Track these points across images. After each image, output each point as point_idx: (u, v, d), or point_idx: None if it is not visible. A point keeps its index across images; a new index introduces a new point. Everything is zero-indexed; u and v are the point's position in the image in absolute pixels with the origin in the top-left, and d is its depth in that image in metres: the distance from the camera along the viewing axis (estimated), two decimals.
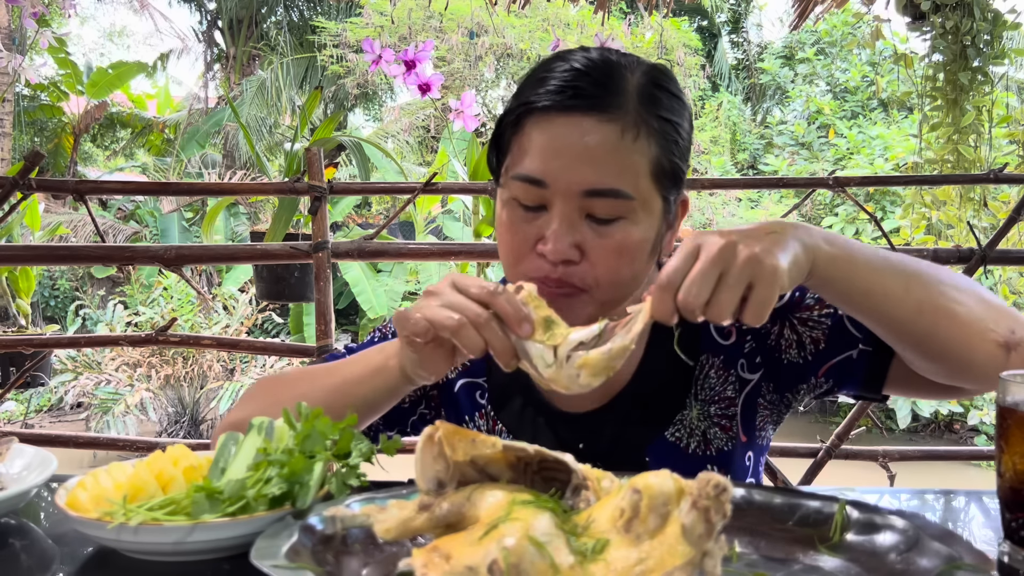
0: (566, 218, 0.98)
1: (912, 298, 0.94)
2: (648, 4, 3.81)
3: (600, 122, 0.97)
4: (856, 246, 0.95)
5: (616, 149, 0.97)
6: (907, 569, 0.73)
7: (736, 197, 10.84)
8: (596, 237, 0.99)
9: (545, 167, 0.98)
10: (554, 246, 0.98)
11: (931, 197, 3.34)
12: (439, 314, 0.87)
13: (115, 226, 10.62)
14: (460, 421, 1.20)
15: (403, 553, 0.76)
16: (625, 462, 1.12)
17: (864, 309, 0.96)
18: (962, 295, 0.96)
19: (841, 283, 0.92)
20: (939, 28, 3.15)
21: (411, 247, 2.52)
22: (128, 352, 7.83)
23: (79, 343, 3.76)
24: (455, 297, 0.88)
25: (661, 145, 1.00)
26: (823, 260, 0.90)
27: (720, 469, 1.12)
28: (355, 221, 10.48)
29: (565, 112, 0.98)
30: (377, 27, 10.28)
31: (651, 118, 0.99)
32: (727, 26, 16.59)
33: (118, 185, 6.78)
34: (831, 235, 0.94)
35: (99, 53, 21.44)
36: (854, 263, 0.93)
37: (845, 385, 1.11)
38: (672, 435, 1.12)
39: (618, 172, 0.97)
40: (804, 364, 1.11)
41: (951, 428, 8.80)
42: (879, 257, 0.96)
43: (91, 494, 0.85)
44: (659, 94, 1.01)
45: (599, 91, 0.98)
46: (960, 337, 0.95)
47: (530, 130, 1.00)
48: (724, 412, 1.13)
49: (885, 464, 2.46)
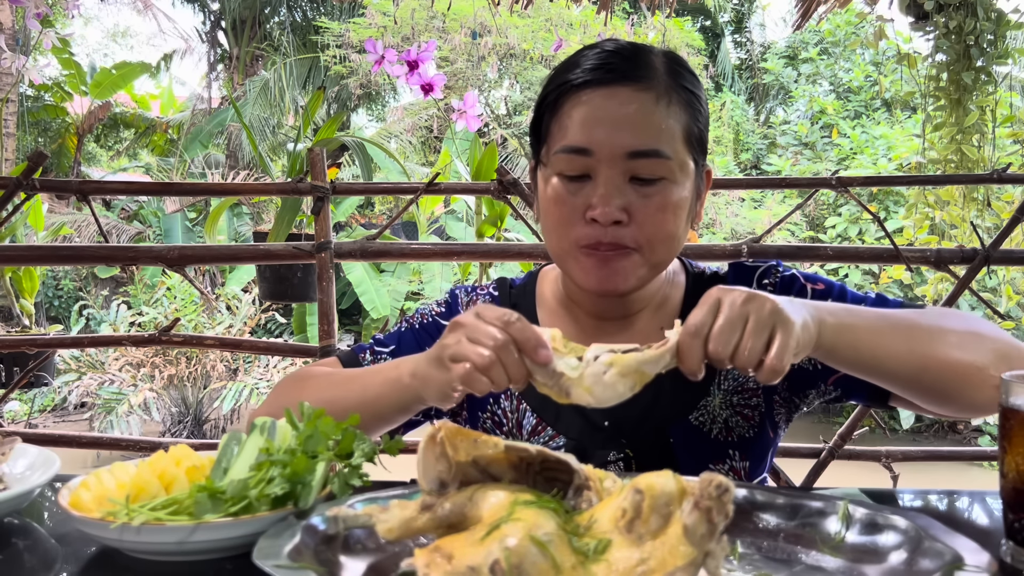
0: (612, 182, 1.04)
1: (915, 355, 0.97)
2: (651, 4, 3.80)
3: (636, 91, 1.05)
4: (855, 311, 0.99)
5: (653, 113, 1.05)
6: (909, 570, 0.73)
7: (739, 197, 10.82)
8: (640, 198, 1.05)
9: (589, 136, 1.04)
10: (603, 209, 1.03)
11: (934, 197, 3.33)
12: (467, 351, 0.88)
13: (118, 226, 10.64)
14: (484, 403, 1.21)
15: (405, 553, 0.76)
16: (649, 441, 1.14)
17: (871, 371, 0.99)
18: (965, 342, 1.00)
19: (847, 350, 0.96)
20: (942, 28, 3.14)
21: (414, 247, 2.52)
22: (132, 352, 7.84)
23: (83, 343, 3.75)
24: (476, 325, 0.89)
25: (689, 113, 1.08)
26: (829, 329, 0.94)
27: (742, 455, 1.15)
28: (358, 221, 10.49)
29: (602, 85, 1.05)
30: (380, 27, 10.30)
31: (679, 88, 1.08)
32: (730, 26, 16.57)
33: (121, 185, 6.78)
34: (829, 305, 0.97)
35: (103, 54, 21.47)
36: (856, 329, 0.96)
37: (852, 395, 1.14)
38: (696, 419, 1.15)
39: (657, 134, 1.04)
40: (814, 372, 1.15)
41: (954, 429, 8.79)
42: (878, 318, 0.99)
43: (94, 494, 0.85)
44: (681, 70, 1.10)
45: (630, 66, 1.06)
46: (962, 384, 0.98)
47: (569, 108, 1.07)
48: (747, 402, 1.16)
49: (888, 464, 2.45)
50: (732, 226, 10.30)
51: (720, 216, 10.52)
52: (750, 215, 10.49)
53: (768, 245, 2.54)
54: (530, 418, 1.18)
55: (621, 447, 1.14)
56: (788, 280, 1.18)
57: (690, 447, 1.14)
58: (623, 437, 1.14)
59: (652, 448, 1.14)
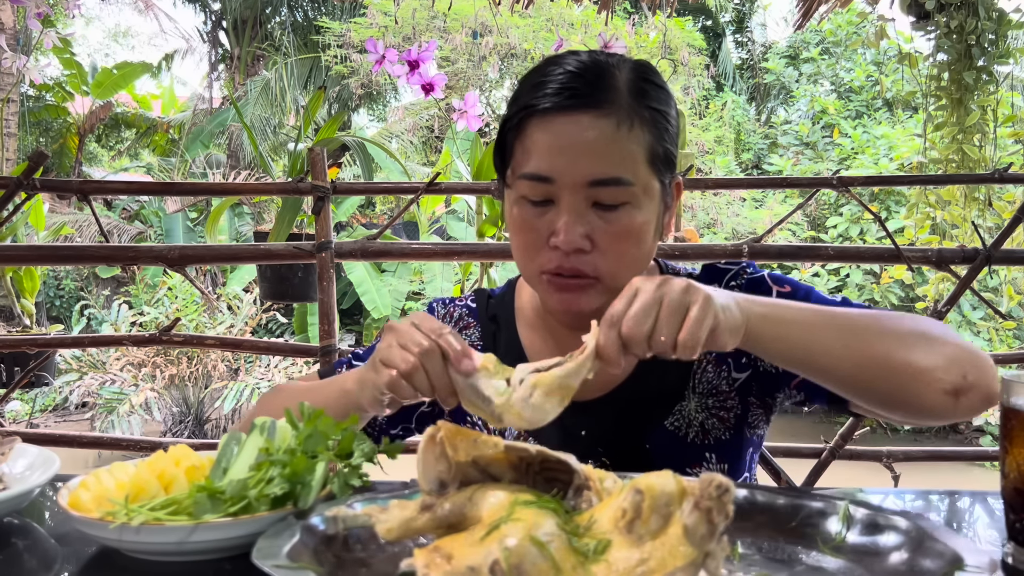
0: (574, 209, 1.03)
1: (852, 353, 0.96)
2: (652, 4, 3.80)
3: (597, 117, 1.03)
4: (789, 306, 0.98)
5: (614, 140, 1.03)
6: (910, 570, 0.73)
7: (740, 197, 10.82)
8: (603, 224, 1.04)
9: (550, 164, 1.03)
10: (565, 236, 1.03)
11: (935, 197, 3.33)
12: (394, 356, 0.91)
13: (119, 226, 10.64)
14: (464, 415, 1.20)
15: (405, 553, 0.76)
16: (626, 449, 1.15)
17: (804, 367, 0.99)
18: (909, 345, 0.97)
19: (777, 342, 0.95)
20: (944, 27, 3.14)
21: (415, 247, 2.52)
22: (133, 352, 7.84)
23: (83, 343, 3.76)
24: (408, 332, 0.91)
25: (653, 133, 1.06)
26: (755, 318, 0.93)
27: (719, 458, 1.16)
28: (359, 221, 10.49)
29: (564, 112, 1.03)
30: (381, 27, 10.31)
31: (642, 109, 1.05)
32: (731, 26, 16.57)
33: (122, 185, 6.79)
34: (761, 299, 0.97)
35: (104, 53, 21.46)
36: (785, 322, 0.95)
37: (814, 400, 1.14)
38: (671, 424, 1.15)
39: (618, 161, 1.03)
40: (776, 375, 1.15)
41: (956, 429, 8.77)
42: (814, 313, 0.98)
43: (93, 494, 0.85)
44: (647, 87, 1.07)
45: (592, 90, 1.04)
46: (904, 388, 0.96)
47: (532, 131, 1.05)
48: (722, 404, 1.16)
49: (889, 464, 2.45)
50: (733, 226, 10.30)
51: (721, 216, 10.52)
52: (751, 215, 10.49)
53: (769, 245, 2.54)
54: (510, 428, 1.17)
55: (598, 456, 1.14)
56: (756, 281, 1.18)
57: (667, 453, 1.14)
58: (600, 446, 1.15)
59: (629, 456, 1.14)
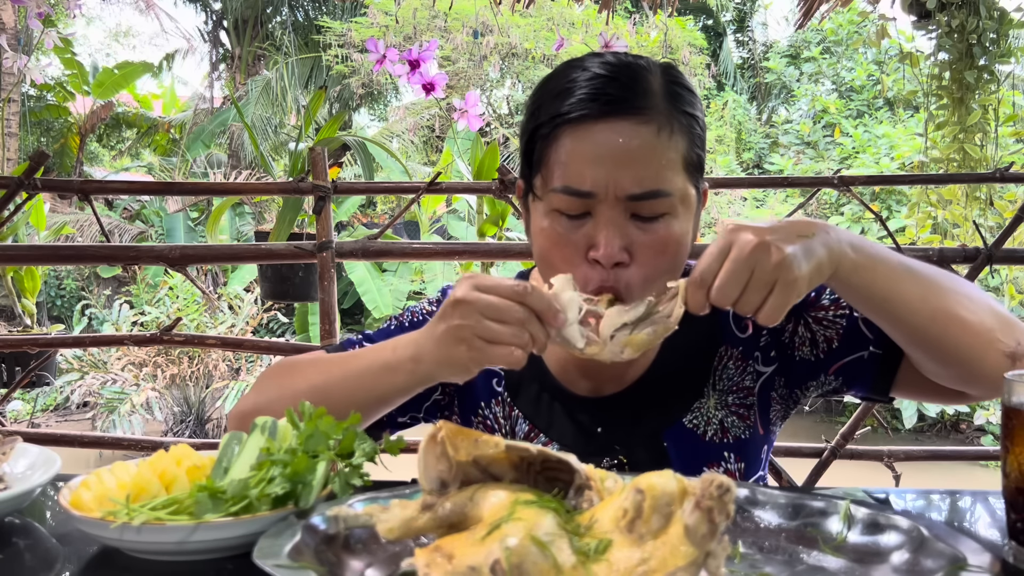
0: (613, 222, 1.00)
1: (928, 306, 0.98)
2: (653, 3, 3.80)
3: (636, 124, 0.99)
4: (881, 254, 0.99)
5: (654, 148, 0.99)
6: (912, 570, 0.73)
7: (741, 196, 10.82)
8: (642, 235, 1.01)
9: (589, 176, 0.99)
10: (606, 251, 0.99)
11: (937, 196, 3.33)
12: (497, 331, 0.90)
13: (120, 226, 10.65)
14: (475, 408, 1.20)
15: (406, 553, 0.76)
16: (643, 447, 1.13)
17: (880, 314, 1.00)
18: (975, 305, 1.00)
19: (861, 289, 0.97)
20: (945, 27, 3.13)
21: (416, 247, 2.52)
22: (134, 352, 7.85)
23: (84, 343, 3.75)
24: (492, 302, 0.90)
25: (688, 139, 1.03)
26: (846, 267, 0.94)
27: (736, 457, 1.14)
28: (360, 221, 10.49)
29: (601, 119, 0.99)
30: (382, 27, 10.30)
31: (678, 114, 1.02)
32: (732, 25, 16.56)
33: (123, 185, 6.79)
34: (858, 241, 0.97)
35: (105, 53, 21.43)
36: (875, 271, 0.96)
37: (854, 385, 1.13)
38: (689, 421, 1.14)
39: (658, 172, 1.00)
40: (815, 362, 1.14)
41: (957, 428, 8.77)
42: (900, 264, 0.99)
43: (94, 493, 0.85)
44: (679, 90, 1.04)
45: (629, 94, 1.00)
46: (970, 344, 0.98)
47: (566, 141, 1.00)
48: (742, 402, 1.15)
49: (890, 464, 2.45)
50: None
51: (722, 215, 10.51)
52: (752, 214, 10.48)
53: None
54: (522, 424, 1.17)
55: (615, 453, 1.13)
56: None
57: (684, 451, 1.13)
58: (616, 444, 1.14)
59: (646, 453, 1.13)
